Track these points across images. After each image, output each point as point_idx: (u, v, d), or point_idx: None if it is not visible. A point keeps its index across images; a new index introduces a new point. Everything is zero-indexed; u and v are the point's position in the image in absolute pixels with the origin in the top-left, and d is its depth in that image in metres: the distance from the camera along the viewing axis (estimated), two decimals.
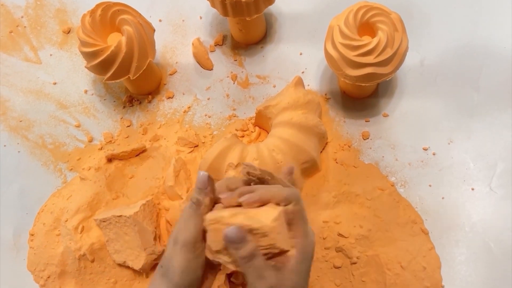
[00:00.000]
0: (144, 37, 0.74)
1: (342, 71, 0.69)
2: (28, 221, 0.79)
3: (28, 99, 0.87)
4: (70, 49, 0.90)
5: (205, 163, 0.71)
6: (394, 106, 0.79)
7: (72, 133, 0.84)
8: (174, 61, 0.87)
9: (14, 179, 0.82)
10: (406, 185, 0.74)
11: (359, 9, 0.68)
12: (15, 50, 0.91)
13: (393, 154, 0.76)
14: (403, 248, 0.69)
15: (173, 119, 0.83)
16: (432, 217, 0.72)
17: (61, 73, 0.89)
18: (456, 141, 0.76)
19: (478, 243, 0.70)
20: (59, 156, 0.83)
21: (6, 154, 0.84)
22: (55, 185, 0.81)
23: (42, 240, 0.75)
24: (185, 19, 0.90)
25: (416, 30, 0.82)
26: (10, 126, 0.85)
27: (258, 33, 0.85)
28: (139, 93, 0.85)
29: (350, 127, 0.79)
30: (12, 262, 0.77)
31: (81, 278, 0.73)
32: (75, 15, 0.93)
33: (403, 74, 0.81)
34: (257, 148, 0.70)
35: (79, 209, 0.73)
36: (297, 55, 0.85)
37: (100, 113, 0.85)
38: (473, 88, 0.78)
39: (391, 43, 0.66)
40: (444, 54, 0.81)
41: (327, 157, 0.77)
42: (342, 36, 0.68)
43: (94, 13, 0.74)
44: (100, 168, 0.77)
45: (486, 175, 0.74)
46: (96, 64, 0.73)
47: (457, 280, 0.69)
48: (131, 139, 0.82)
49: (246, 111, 0.82)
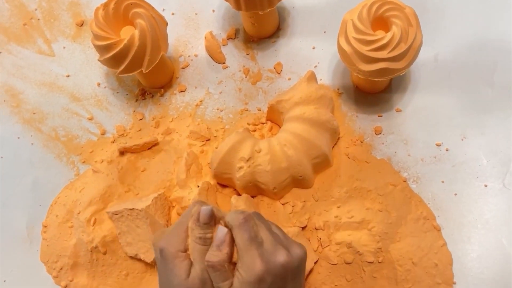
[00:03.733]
0: (157, 30, 0.74)
1: (355, 66, 0.69)
2: (41, 213, 0.79)
3: (42, 92, 0.88)
4: (83, 42, 0.91)
5: (217, 157, 0.71)
6: (407, 101, 0.79)
7: (85, 125, 0.84)
8: (186, 54, 0.87)
9: (27, 171, 0.83)
10: (419, 181, 0.74)
11: (373, 4, 0.68)
12: (28, 43, 0.92)
13: (406, 150, 0.76)
14: (414, 244, 0.69)
15: (185, 112, 0.83)
16: (444, 214, 0.72)
17: (74, 66, 0.89)
18: (470, 137, 0.75)
19: (490, 240, 0.70)
20: (72, 148, 0.83)
21: (20, 146, 0.84)
22: (68, 178, 0.81)
23: (55, 232, 0.76)
24: (198, 12, 0.90)
25: (430, 24, 0.81)
26: (24, 119, 0.86)
27: (270, 27, 0.85)
28: (152, 87, 0.85)
29: (363, 122, 0.79)
30: (25, 253, 0.78)
31: (93, 270, 0.73)
32: (88, 8, 0.93)
33: (416, 69, 0.80)
34: (269, 143, 0.70)
35: (92, 201, 0.74)
36: (309, 49, 0.84)
37: (113, 106, 0.85)
38: (487, 84, 0.78)
39: (405, 38, 0.66)
40: (458, 49, 0.81)
41: (339, 152, 0.76)
42: (355, 31, 0.67)
43: (107, 6, 0.74)
44: (112, 161, 0.78)
45: (499, 171, 0.73)
46: (109, 57, 0.73)
47: (469, 277, 0.68)
48: (143, 132, 0.82)
49: (258, 105, 0.82)
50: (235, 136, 0.71)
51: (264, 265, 0.49)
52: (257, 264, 0.49)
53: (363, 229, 0.70)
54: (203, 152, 0.78)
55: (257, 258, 0.49)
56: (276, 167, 0.69)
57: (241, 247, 0.50)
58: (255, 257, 0.49)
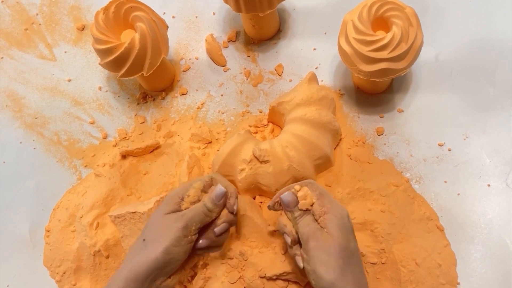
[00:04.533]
0: (158, 33, 0.75)
1: (356, 67, 0.68)
2: (43, 217, 0.79)
3: (43, 96, 0.88)
4: (84, 46, 0.91)
5: (219, 159, 0.71)
6: (409, 102, 0.79)
7: (87, 129, 0.85)
8: (187, 57, 0.87)
9: (29, 176, 0.83)
10: (421, 181, 0.74)
11: (373, 4, 0.68)
12: (30, 48, 0.92)
13: (408, 150, 0.76)
14: (418, 245, 0.69)
15: (187, 115, 0.83)
16: (447, 214, 0.72)
17: (75, 70, 0.89)
18: (472, 136, 0.75)
19: (494, 239, 0.70)
20: (74, 152, 0.83)
21: (22, 150, 0.84)
22: (70, 182, 0.82)
23: (57, 236, 0.76)
24: (198, 15, 0.90)
25: (431, 24, 0.81)
26: (26, 123, 0.86)
27: (271, 29, 0.85)
28: (153, 90, 0.85)
29: (364, 123, 0.78)
30: (28, 258, 0.78)
31: (96, 274, 0.73)
32: (89, 12, 0.93)
33: (417, 69, 0.80)
34: (270, 144, 0.70)
35: (94, 205, 0.74)
36: (310, 50, 0.84)
37: (115, 109, 0.85)
38: (489, 83, 0.77)
39: (405, 38, 0.66)
40: (459, 48, 0.80)
41: (341, 153, 0.76)
42: (356, 31, 0.67)
43: (107, 10, 0.74)
44: (114, 165, 0.78)
45: (502, 171, 0.73)
46: (110, 61, 0.73)
47: (472, 277, 0.68)
48: (145, 136, 0.82)
49: (259, 107, 0.82)
50: (237, 138, 0.71)
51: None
52: (342, 206, 0.61)
53: (366, 230, 0.70)
54: (205, 155, 0.78)
55: (338, 203, 0.61)
56: (278, 169, 0.69)
57: (322, 193, 0.61)
58: (337, 202, 0.61)
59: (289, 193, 0.62)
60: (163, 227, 0.60)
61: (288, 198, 0.61)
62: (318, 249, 0.57)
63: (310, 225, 0.59)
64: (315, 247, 0.57)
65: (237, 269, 0.69)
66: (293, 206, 0.61)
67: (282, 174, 0.69)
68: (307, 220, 0.60)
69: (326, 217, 0.59)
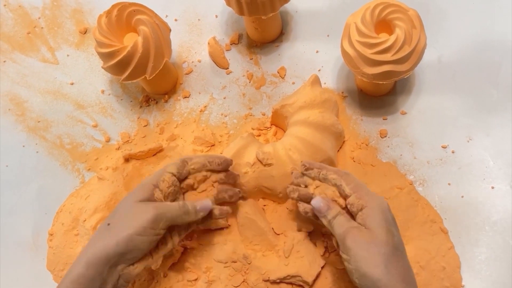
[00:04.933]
0: (160, 37, 0.75)
1: (359, 69, 0.68)
2: (46, 221, 0.79)
3: (46, 100, 0.88)
4: (86, 49, 0.91)
5: None
6: (412, 104, 0.78)
7: (90, 133, 0.84)
8: (190, 60, 0.87)
9: (32, 179, 0.83)
10: (425, 184, 0.74)
11: (376, 6, 0.68)
12: (32, 51, 0.92)
13: (411, 152, 0.76)
14: (422, 248, 0.68)
15: (190, 118, 0.83)
16: (451, 216, 0.71)
17: (78, 73, 0.89)
18: (475, 138, 0.75)
19: (498, 242, 0.69)
20: (77, 156, 0.83)
21: (24, 154, 0.84)
22: (73, 185, 0.81)
23: (61, 240, 0.76)
24: (200, 18, 0.90)
25: (433, 26, 0.81)
26: (29, 127, 0.86)
27: (273, 32, 0.85)
28: (156, 93, 0.85)
29: (368, 125, 0.78)
30: (31, 261, 0.78)
31: None
32: (91, 15, 0.93)
33: (420, 71, 0.80)
34: (274, 147, 0.70)
35: (97, 209, 0.74)
36: (313, 53, 0.84)
37: (117, 113, 0.85)
38: (492, 85, 0.77)
39: (408, 40, 0.66)
40: (462, 50, 0.80)
41: (344, 156, 0.76)
42: (359, 34, 0.67)
43: (110, 13, 0.74)
44: (117, 168, 0.78)
45: (506, 173, 0.73)
46: (112, 64, 0.73)
47: (477, 279, 0.68)
48: (148, 139, 0.82)
49: (262, 110, 0.82)
50: (240, 141, 0.71)
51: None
52: (381, 198, 0.60)
53: None
54: None
55: (376, 195, 0.60)
56: (281, 172, 0.69)
57: (358, 185, 0.61)
58: (375, 195, 0.60)
59: (319, 199, 0.61)
60: (131, 214, 0.59)
61: (319, 204, 0.61)
62: (357, 247, 0.55)
63: (345, 225, 0.58)
64: (354, 245, 0.55)
65: (241, 272, 0.69)
66: (324, 210, 0.60)
67: (286, 177, 0.69)
68: (341, 221, 0.59)
69: (365, 211, 0.58)
